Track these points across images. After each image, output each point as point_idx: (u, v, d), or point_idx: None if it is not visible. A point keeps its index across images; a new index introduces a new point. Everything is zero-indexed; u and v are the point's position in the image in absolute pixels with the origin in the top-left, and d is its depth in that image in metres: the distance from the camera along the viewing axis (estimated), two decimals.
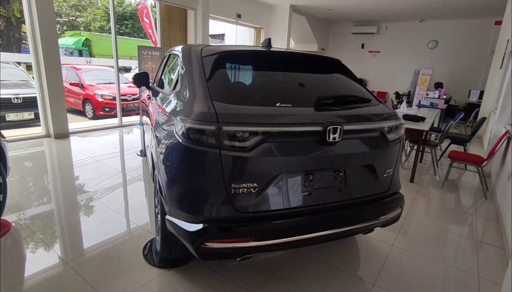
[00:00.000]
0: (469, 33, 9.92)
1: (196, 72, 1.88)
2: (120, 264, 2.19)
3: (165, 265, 2.16)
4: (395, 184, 2.09)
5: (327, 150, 1.72)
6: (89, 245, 2.39)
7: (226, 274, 2.12)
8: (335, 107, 1.84)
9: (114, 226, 2.69)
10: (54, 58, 5.08)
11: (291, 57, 2.22)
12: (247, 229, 1.61)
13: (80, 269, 2.10)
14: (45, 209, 2.96)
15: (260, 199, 1.63)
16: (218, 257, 1.78)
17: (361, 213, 1.88)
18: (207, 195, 1.59)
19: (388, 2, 8.63)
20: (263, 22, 10.13)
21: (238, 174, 1.57)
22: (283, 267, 2.24)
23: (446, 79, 10.18)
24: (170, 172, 1.73)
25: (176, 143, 1.66)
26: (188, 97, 1.77)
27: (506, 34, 6.65)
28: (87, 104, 8.71)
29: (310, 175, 1.73)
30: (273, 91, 1.91)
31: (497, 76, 6.78)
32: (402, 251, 2.54)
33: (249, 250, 1.65)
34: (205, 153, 1.54)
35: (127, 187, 3.61)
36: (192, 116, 1.58)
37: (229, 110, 1.59)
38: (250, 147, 1.55)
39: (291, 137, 1.64)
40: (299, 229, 1.70)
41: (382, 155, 1.93)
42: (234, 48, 2.08)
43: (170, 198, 1.74)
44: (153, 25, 14.57)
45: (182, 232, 1.66)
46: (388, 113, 2.00)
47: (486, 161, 3.75)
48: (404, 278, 2.21)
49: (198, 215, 1.61)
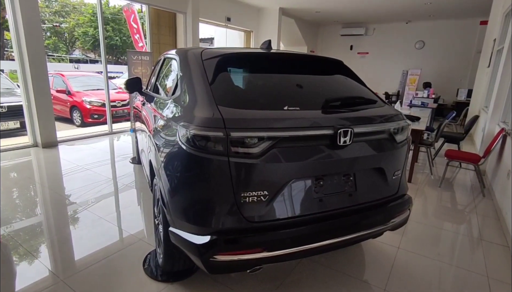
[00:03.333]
0: (455, 33, 10.14)
1: (197, 76, 1.79)
2: (120, 279, 2.07)
3: (168, 279, 2.06)
4: (403, 186, 2.05)
5: (337, 153, 1.66)
6: (85, 260, 2.26)
7: (231, 285, 2.03)
8: (342, 109, 1.78)
9: (110, 238, 2.57)
10: (40, 66, 4.90)
11: (293, 59, 2.16)
12: (258, 240, 1.53)
13: (77, 287, 1.97)
14: (36, 222, 2.81)
15: (270, 207, 1.55)
16: (228, 270, 1.69)
17: (372, 218, 1.82)
18: (215, 204, 1.51)
19: (376, 4, 8.73)
20: (252, 25, 10.10)
21: (248, 181, 1.49)
22: (290, 275, 2.16)
23: (434, 79, 10.35)
24: (173, 181, 1.63)
25: (179, 151, 1.57)
26: (190, 102, 1.69)
27: (493, 33, 6.80)
28: (74, 111, 8.47)
29: (321, 180, 1.67)
30: (279, 94, 1.84)
31: (485, 75, 6.91)
32: (409, 253, 2.50)
33: (260, 261, 1.57)
34: (212, 160, 1.46)
35: (121, 196, 3.47)
36: (197, 122, 1.49)
37: (236, 115, 1.51)
38: (260, 153, 1.48)
39: (301, 141, 1.57)
40: (312, 237, 1.63)
41: (391, 157, 1.89)
42: (235, 51, 2.00)
43: (174, 208, 1.65)
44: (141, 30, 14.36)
45: (189, 245, 1.57)
46: (395, 115, 1.96)
47: (483, 159, 3.77)
48: (414, 282, 2.16)
49: (205, 226, 1.52)
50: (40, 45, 4.89)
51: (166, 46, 7.71)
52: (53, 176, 3.97)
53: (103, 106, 8.28)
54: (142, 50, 17.50)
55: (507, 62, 4.38)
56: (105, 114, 8.37)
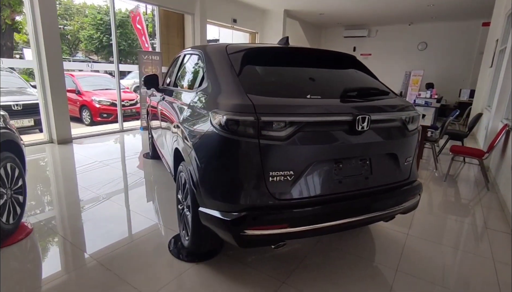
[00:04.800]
0: (457, 35, 10.29)
1: (225, 68, 1.95)
2: (149, 259, 2.21)
3: (193, 259, 2.19)
4: (414, 172, 2.19)
5: (355, 139, 1.81)
6: (114, 243, 2.40)
7: (254, 266, 2.17)
8: (359, 99, 1.93)
9: (133, 224, 2.71)
10: (57, 65, 5.07)
11: (311, 53, 2.31)
12: (284, 216, 1.68)
13: (110, 266, 2.11)
14: (64, 211, 2.95)
15: (295, 186, 1.70)
16: (256, 244, 1.83)
17: (386, 200, 1.96)
18: (245, 183, 1.65)
19: (379, 6, 8.90)
20: (257, 27, 10.28)
21: (276, 162, 1.63)
22: (306, 257, 2.30)
23: (437, 80, 10.49)
24: (206, 163, 1.78)
25: (212, 135, 1.71)
26: (220, 92, 1.84)
27: (495, 34, 6.95)
28: (84, 110, 8.64)
29: (340, 163, 1.82)
30: (301, 84, 1.99)
31: (488, 75, 7.05)
32: (418, 239, 2.64)
33: (285, 236, 1.71)
34: (244, 142, 1.60)
35: (139, 187, 3.62)
36: (230, 108, 1.64)
37: (265, 102, 1.66)
38: (286, 136, 1.62)
39: (323, 126, 1.72)
40: (332, 215, 1.77)
41: (403, 144, 2.03)
42: (257, 46, 2.16)
43: (205, 189, 1.79)
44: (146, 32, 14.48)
45: (220, 222, 1.71)
46: (407, 105, 2.10)
47: (486, 154, 3.91)
48: (424, 263, 2.30)
49: (236, 203, 1.66)
50: (57, 46, 5.07)
51: (174, 47, 7.89)
52: (73, 170, 4.12)
53: (112, 106, 8.45)
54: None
55: (510, 61, 4.52)
56: (114, 113, 8.56)
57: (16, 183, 2.55)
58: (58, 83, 5.14)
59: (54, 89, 5.07)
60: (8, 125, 2.54)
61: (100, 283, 1.95)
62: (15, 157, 2.54)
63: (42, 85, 5.08)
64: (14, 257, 2.21)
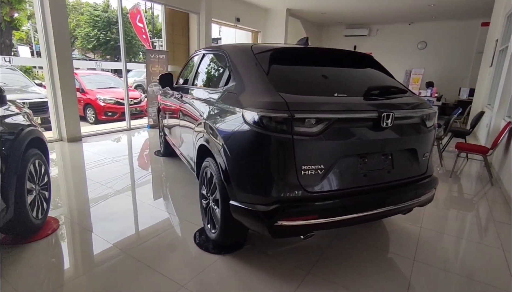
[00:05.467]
0: (457, 34, 10.46)
1: (254, 68, 2.04)
2: (177, 251, 2.30)
3: (220, 251, 2.29)
4: (430, 167, 2.30)
5: (379, 134, 1.91)
6: (141, 236, 2.49)
7: (278, 258, 2.27)
8: (381, 97, 2.03)
9: (156, 219, 2.79)
10: (67, 64, 5.11)
11: (331, 53, 2.40)
12: (314, 208, 1.78)
13: (140, 257, 2.20)
14: (85, 206, 3.02)
15: (324, 179, 1.80)
16: (288, 234, 1.92)
17: (407, 193, 2.07)
18: (279, 177, 1.74)
19: (380, 6, 9.01)
20: (260, 26, 10.36)
21: (308, 157, 1.73)
22: (327, 250, 2.40)
23: (436, 79, 10.65)
24: (240, 159, 1.87)
25: (246, 131, 1.80)
26: (251, 90, 1.93)
27: (495, 34, 7.10)
28: (88, 109, 8.67)
29: (365, 158, 1.92)
30: (326, 82, 2.09)
31: (488, 74, 7.21)
32: (431, 231, 2.76)
33: (315, 227, 1.81)
34: (278, 138, 1.70)
35: (156, 184, 3.69)
36: (265, 106, 1.73)
37: (296, 100, 1.75)
38: (318, 132, 1.72)
39: (350, 123, 1.82)
40: (359, 207, 1.88)
41: (421, 140, 2.14)
42: (282, 46, 2.25)
43: (239, 183, 1.89)
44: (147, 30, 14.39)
45: (253, 214, 1.80)
46: (424, 103, 2.21)
47: (491, 150, 4.04)
48: (440, 253, 2.42)
49: (271, 196, 1.76)
50: (67, 44, 5.11)
51: (180, 46, 7.94)
52: (88, 167, 4.18)
53: (116, 104, 8.50)
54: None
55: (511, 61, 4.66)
56: (118, 112, 8.61)
57: (42, 179, 2.62)
58: (68, 81, 5.18)
59: (64, 87, 5.11)
60: (34, 122, 2.61)
61: (132, 272, 2.03)
62: (41, 153, 2.61)
63: (52, 83, 5.12)
64: (45, 250, 2.29)
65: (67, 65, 5.11)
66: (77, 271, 2.04)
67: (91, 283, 1.93)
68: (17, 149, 2.15)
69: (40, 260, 2.16)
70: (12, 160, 2.07)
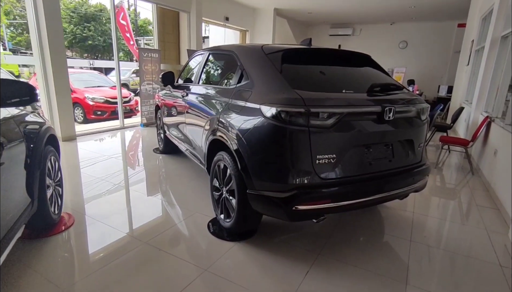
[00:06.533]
0: (435, 35, 11.02)
1: (267, 67, 2.21)
2: (195, 240, 2.44)
3: (235, 239, 2.44)
4: (424, 156, 2.55)
5: (381, 127, 2.12)
6: (156, 228, 2.60)
7: (289, 242, 2.45)
8: (381, 93, 2.25)
9: (169, 212, 2.92)
10: (61, 63, 5.08)
11: (335, 53, 2.60)
12: (328, 193, 1.97)
13: (161, 246, 2.32)
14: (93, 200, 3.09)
15: (336, 167, 1.99)
16: (304, 217, 2.10)
17: (405, 179, 2.31)
18: (297, 166, 1.92)
19: (363, 6, 9.37)
20: (248, 25, 10.51)
21: (322, 147, 1.92)
22: (332, 235, 2.61)
23: (417, 77, 11.17)
24: (259, 150, 2.03)
25: (265, 125, 1.97)
26: (268, 87, 2.10)
27: (471, 35, 7.58)
28: (76, 108, 8.52)
29: (370, 148, 2.13)
30: (334, 80, 2.29)
31: (465, 72, 7.69)
32: (423, 216, 3.03)
33: (328, 211, 2.01)
34: (296, 131, 1.88)
35: (161, 180, 3.79)
36: (283, 101, 1.90)
37: (311, 96, 1.94)
38: (331, 125, 1.91)
39: (358, 116, 2.03)
40: (366, 192, 2.09)
41: (417, 132, 2.38)
42: (291, 47, 2.42)
43: (258, 172, 2.05)
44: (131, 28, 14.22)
45: (272, 200, 1.98)
46: (419, 98, 2.45)
47: (471, 142, 4.40)
48: (433, 233, 2.68)
49: (289, 183, 1.94)
50: (61, 43, 5.08)
51: (170, 44, 7.97)
52: (89, 164, 4.21)
53: (106, 103, 8.42)
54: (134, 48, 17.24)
55: (488, 61, 5.05)
56: (108, 111, 8.53)
57: (56, 175, 2.68)
58: (63, 81, 5.15)
59: (58, 86, 5.08)
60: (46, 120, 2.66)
61: (156, 259, 2.16)
62: (55, 150, 2.67)
63: (45, 82, 5.07)
64: (67, 243, 2.37)
65: (60, 64, 5.08)
66: (103, 260, 2.14)
67: (120, 270, 2.04)
68: (39, 144, 2.22)
69: (64, 251, 2.25)
70: (35, 155, 2.14)
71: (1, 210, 1.60)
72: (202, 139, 2.88)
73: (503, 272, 2.19)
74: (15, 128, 1.93)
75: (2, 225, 1.62)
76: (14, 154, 1.86)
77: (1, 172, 1.64)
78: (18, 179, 1.90)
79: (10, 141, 1.82)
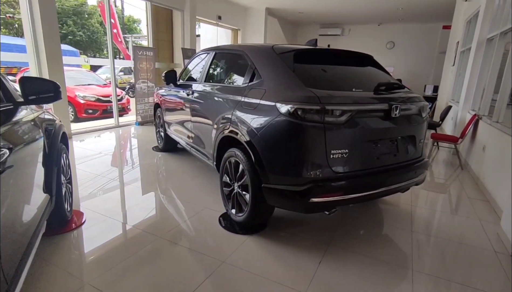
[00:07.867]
0: (421, 36, 11.41)
1: (280, 67, 2.30)
2: (209, 234, 2.52)
3: (247, 232, 2.53)
4: (424, 152, 2.72)
5: (388, 123, 2.26)
6: (169, 223, 2.66)
7: (299, 235, 2.56)
8: (386, 91, 2.39)
9: (179, 208, 2.97)
10: (57, 60, 5.02)
11: (341, 54, 2.72)
12: (340, 186, 2.09)
13: (177, 241, 2.39)
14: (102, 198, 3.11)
15: (348, 161, 2.12)
16: (318, 209, 2.20)
17: (409, 172, 2.45)
18: (313, 160, 2.03)
19: (353, 7, 9.60)
20: (240, 24, 10.56)
21: (335, 142, 2.04)
22: (339, 228, 2.74)
23: (404, 76, 11.52)
24: (275, 146, 2.12)
25: (281, 122, 2.06)
26: (282, 86, 2.20)
27: (456, 37, 7.91)
28: None
29: (377, 143, 2.27)
30: (343, 79, 2.42)
31: (451, 73, 8.02)
32: (421, 209, 3.21)
33: (340, 202, 2.13)
34: (312, 127, 1.98)
35: (165, 177, 3.83)
36: (300, 99, 2.01)
37: (325, 94, 2.05)
38: (344, 121, 2.03)
39: (368, 113, 2.15)
40: (374, 184, 2.22)
41: (419, 128, 2.54)
42: (301, 47, 2.53)
43: (274, 167, 2.15)
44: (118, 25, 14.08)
45: (288, 194, 2.08)
46: (419, 97, 2.61)
47: (460, 139, 4.64)
48: (433, 224, 2.86)
49: (305, 177, 2.04)
50: (57, 40, 5.01)
51: (163, 43, 7.94)
52: (89, 163, 4.19)
53: (97, 101, 8.30)
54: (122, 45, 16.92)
55: (474, 62, 5.31)
56: (99, 109, 8.41)
57: (67, 173, 2.70)
58: (58, 78, 5.08)
59: None
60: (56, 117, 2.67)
61: (174, 253, 2.22)
62: (66, 148, 2.68)
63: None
64: (82, 239, 2.40)
65: (56, 61, 5.02)
66: (122, 255, 2.19)
67: (140, 263, 2.10)
68: (55, 142, 2.24)
69: (83, 247, 2.28)
70: (53, 152, 2.16)
71: (30, 205, 1.63)
72: (211, 137, 2.95)
73: (497, 257, 2.37)
74: (38, 126, 1.96)
75: (32, 220, 1.66)
76: (36, 152, 1.89)
77: (28, 169, 1.67)
78: (40, 176, 1.93)
79: (33, 140, 1.84)
